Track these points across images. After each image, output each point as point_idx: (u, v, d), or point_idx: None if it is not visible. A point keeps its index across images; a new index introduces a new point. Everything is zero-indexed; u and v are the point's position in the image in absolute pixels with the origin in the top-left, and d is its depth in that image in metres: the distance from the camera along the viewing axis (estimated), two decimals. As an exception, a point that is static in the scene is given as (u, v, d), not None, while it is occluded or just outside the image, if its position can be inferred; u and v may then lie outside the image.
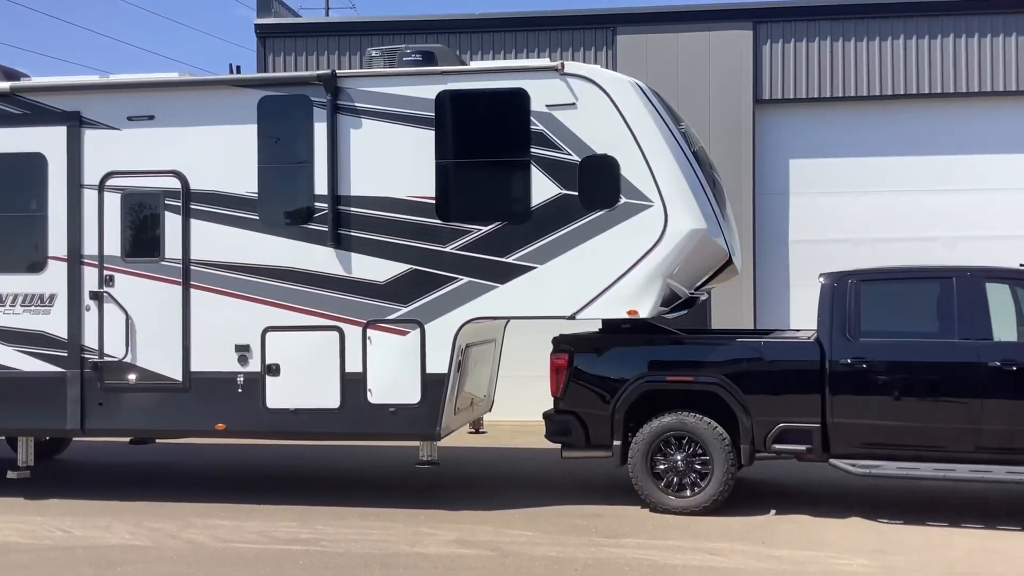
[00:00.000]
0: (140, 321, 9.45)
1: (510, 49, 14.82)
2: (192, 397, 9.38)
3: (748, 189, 14.41)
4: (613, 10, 15.09)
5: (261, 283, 9.33)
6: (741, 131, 14.48)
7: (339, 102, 9.21)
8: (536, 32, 14.84)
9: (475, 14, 15.13)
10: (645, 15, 14.88)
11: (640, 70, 12.84)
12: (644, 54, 14.59)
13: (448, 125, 9.12)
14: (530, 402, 11.54)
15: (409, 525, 8.57)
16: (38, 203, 9.60)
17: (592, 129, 8.86)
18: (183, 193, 9.41)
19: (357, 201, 9.22)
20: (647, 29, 14.70)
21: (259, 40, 15.49)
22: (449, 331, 9.02)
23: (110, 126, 9.53)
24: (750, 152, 14.49)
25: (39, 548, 7.91)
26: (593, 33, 14.86)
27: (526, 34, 14.85)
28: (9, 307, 9.57)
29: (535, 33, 14.84)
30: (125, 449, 11.87)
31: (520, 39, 14.87)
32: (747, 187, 14.41)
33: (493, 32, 14.92)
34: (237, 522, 8.73)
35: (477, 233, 9.02)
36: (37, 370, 9.52)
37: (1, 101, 9.68)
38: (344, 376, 9.17)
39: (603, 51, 14.82)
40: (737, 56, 14.53)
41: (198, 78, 9.92)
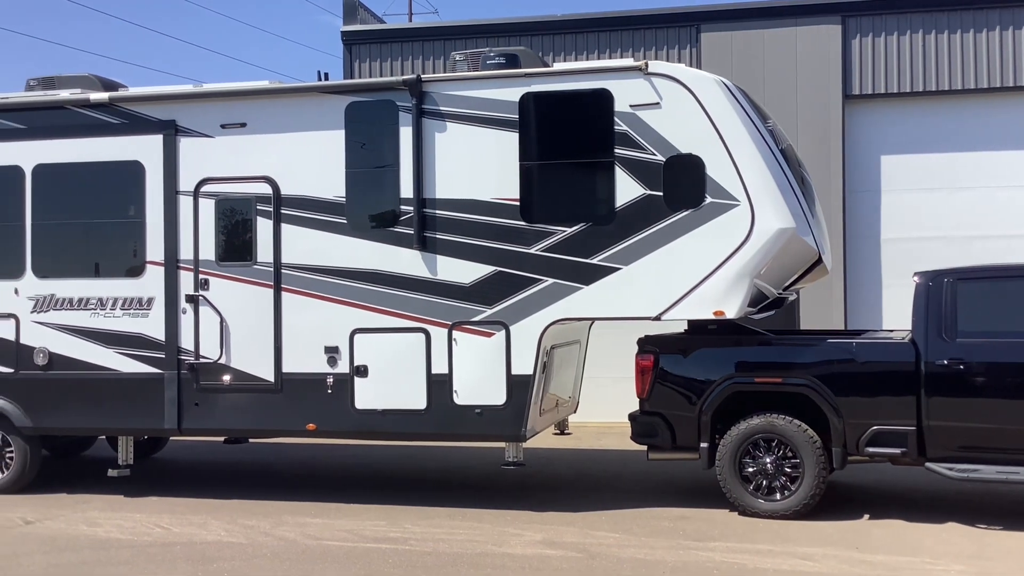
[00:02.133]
0: (234, 323, 9.69)
1: (592, 50, 14.80)
2: (283, 398, 9.59)
3: (838, 187, 14.13)
4: (697, 8, 14.94)
5: (349, 286, 9.48)
6: (830, 128, 14.20)
7: (424, 106, 9.31)
8: (619, 32, 14.79)
9: (557, 15, 15.15)
10: (730, 12, 14.71)
11: (725, 68, 12.70)
12: (729, 51, 14.42)
13: (532, 127, 9.14)
14: (615, 403, 11.52)
15: (496, 525, 8.62)
16: (136, 210, 9.92)
17: (677, 128, 8.78)
18: (274, 198, 9.62)
19: (442, 204, 9.31)
20: (732, 26, 14.53)
21: (345, 47, 15.76)
22: (534, 332, 9.04)
23: (204, 134, 9.80)
24: (839, 149, 14.21)
25: (139, 544, 8.18)
26: (677, 31, 14.75)
27: (609, 34, 14.82)
28: (110, 310, 9.91)
29: (618, 33, 14.79)
30: (219, 448, 12.23)
31: (603, 39, 14.83)
32: (837, 185, 14.12)
33: (576, 33, 14.92)
34: (327, 520, 8.89)
35: (561, 234, 9.02)
36: (136, 371, 9.85)
37: (101, 111, 10.04)
38: (430, 377, 9.26)
39: (687, 49, 14.70)
40: (825, 51, 14.26)
41: (288, 86, 10.12)
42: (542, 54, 13.82)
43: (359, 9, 16.17)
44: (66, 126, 10.07)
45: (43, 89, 10.63)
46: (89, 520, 9.02)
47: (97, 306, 9.92)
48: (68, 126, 10.06)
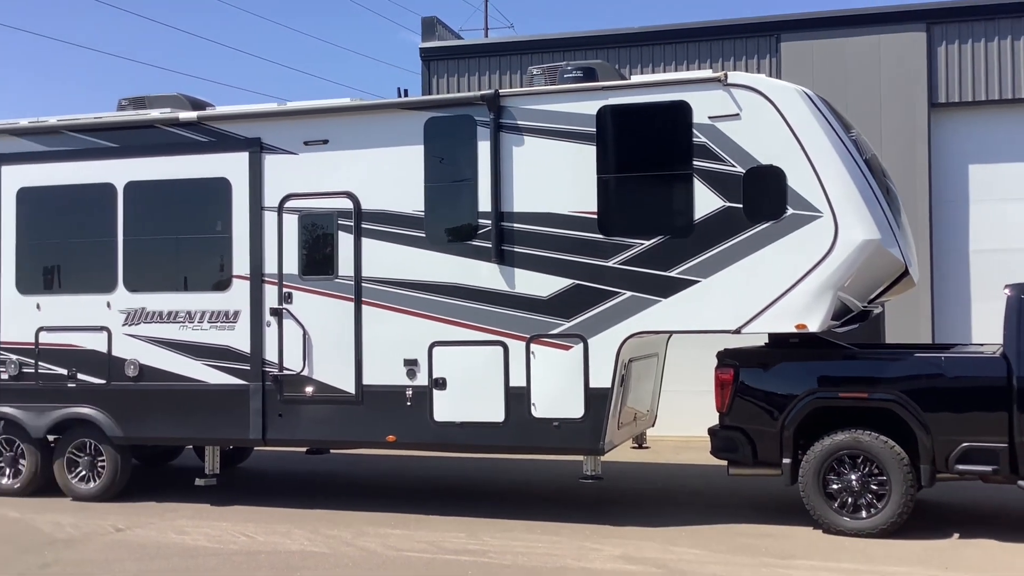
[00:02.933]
0: (316, 336, 9.87)
1: (670, 61, 14.74)
2: (364, 409, 9.72)
3: (924, 197, 13.80)
4: (776, 17, 14.76)
5: (428, 299, 9.57)
6: (915, 137, 13.89)
7: (502, 120, 9.38)
8: (696, 43, 14.70)
9: (634, 28, 15.11)
10: (810, 21, 14.50)
11: (806, 77, 12.53)
12: (810, 61, 14.21)
13: (609, 140, 9.14)
14: (694, 417, 11.42)
15: (574, 539, 8.59)
16: (223, 225, 10.18)
17: (757, 140, 8.69)
18: (355, 213, 9.78)
19: (520, 217, 9.35)
20: (812, 35, 14.32)
21: (424, 63, 15.96)
22: (612, 345, 9.01)
23: (288, 151, 10.02)
24: (925, 158, 13.88)
25: (225, 552, 8.36)
26: (756, 41, 14.60)
27: (686, 46, 14.74)
28: (197, 323, 10.18)
29: (695, 44, 14.70)
30: (301, 458, 12.44)
31: (680, 51, 14.76)
32: (923, 195, 13.79)
33: (653, 45, 14.88)
34: (407, 531, 8.97)
35: (639, 247, 8.99)
36: (223, 383, 10.09)
37: (189, 129, 10.34)
38: (508, 390, 9.29)
39: (766, 59, 14.54)
40: (910, 59, 13.96)
41: (369, 102, 10.28)
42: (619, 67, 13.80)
43: (437, 26, 16.37)
44: (156, 144, 10.39)
45: (134, 109, 10.99)
46: (177, 528, 9.25)
47: (185, 319, 10.20)
48: (158, 144, 10.38)
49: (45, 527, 9.29)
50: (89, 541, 8.75)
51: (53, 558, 8.13)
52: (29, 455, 10.70)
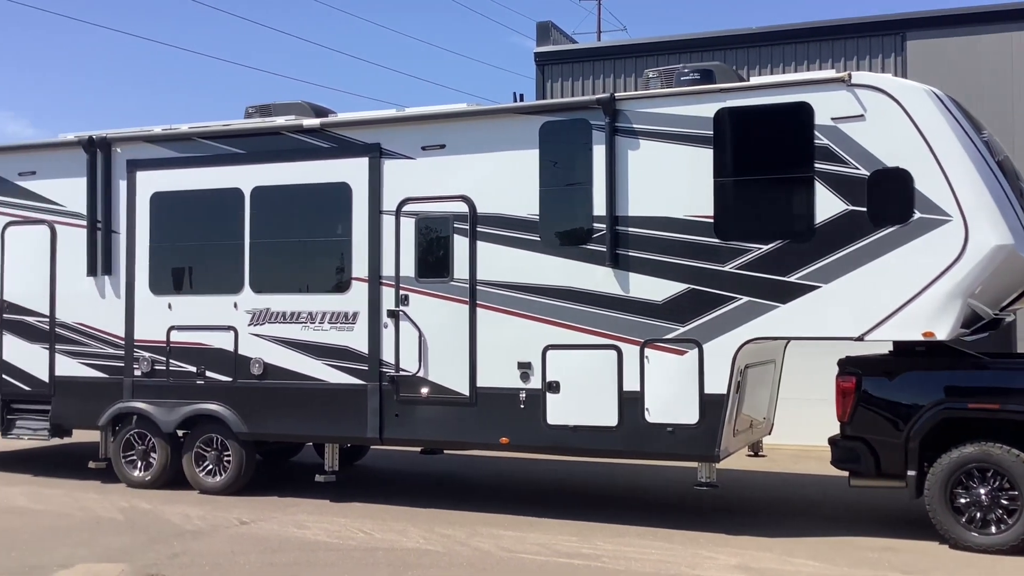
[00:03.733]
0: (431, 338, 10.02)
1: (790, 62, 14.45)
2: (478, 411, 9.82)
3: (1060, 200, 13.12)
4: (901, 15, 14.32)
5: (542, 302, 9.61)
6: (1052, 137, 13.25)
7: (617, 124, 9.34)
8: (818, 43, 14.38)
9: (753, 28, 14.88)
10: (938, 18, 14.02)
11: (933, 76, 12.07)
12: (938, 59, 13.73)
13: (727, 143, 9.01)
14: (812, 426, 11.17)
15: (688, 547, 8.50)
16: (343, 229, 10.44)
17: (882, 141, 8.44)
18: (470, 216, 9.90)
19: (634, 221, 9.30)
20: (941, 33, 13.84)
21: (538, 67, 16.06)
22: (728, 351, 8.88)
23: (406, 156, 10.21)
24: (1062, 159, 13.21)
25: (343, 548, 8.56)
26: (880, 40, 14.18)
27: (807, 45, 14.43)
28: (319, 324, 10.46)
29: (816, 44, 14.38)
30: (416, 458, 12.65)
31: (801, 51, 14.46)
32: (1059, 198, 13.12)
33: (772, 45, 14.62)
34: (520, 533, 9.02)
35: (757, 252, 8.83)
36: (342, 382, 10.34)
37: (312, 136, 10.64)
38: (622, 394, 9.25)
39: (891, 58, 14.11)
40: (1046, 56, 13.34)
41: (485, 107, 10.39)
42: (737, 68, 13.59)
43: (552, 30, 16.44)
44: (281, 150, 10.73)
45: (260, 116, 11.38)
46: (298, 523, 9.53)
47: (307, 320, 10.50)
48: (283, 150, 10.72)
49: (174, 518, 9.69)
50: (215, 533, 9.10)
51: (182, 548, 8.48)
52: (160, 449, 11.18)
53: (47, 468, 12.65)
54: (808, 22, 14.67)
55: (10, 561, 8.04)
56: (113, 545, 8.59)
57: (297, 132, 10.70)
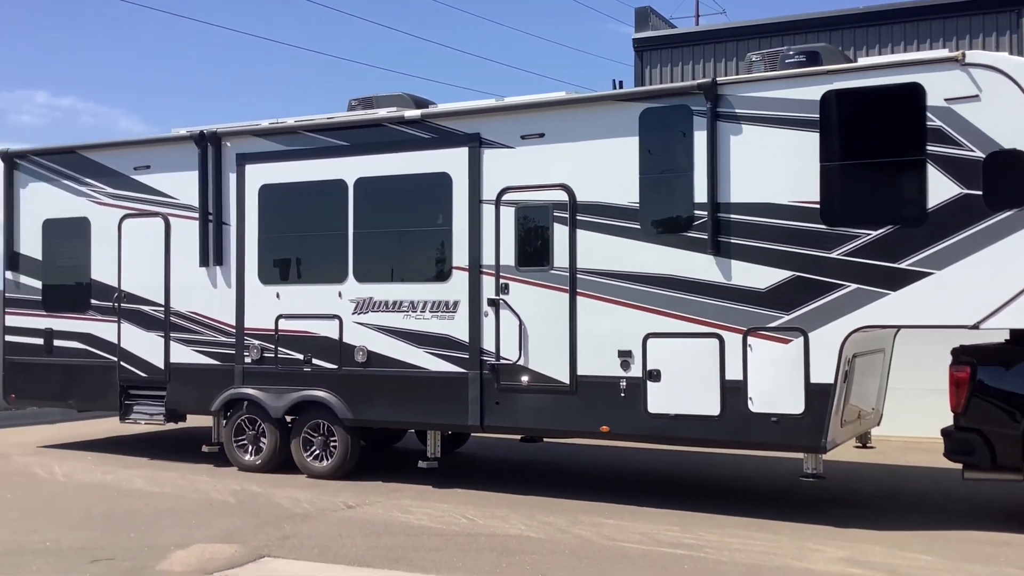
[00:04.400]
0: (531, 326, 10.06)
1: (899, 42, 14.01)
2: (578, 399, 9.82)
3: None
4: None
5: (642, 290, 9.55)
6: None
7: (719, 109, 9.21)
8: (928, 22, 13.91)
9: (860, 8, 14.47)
10: (1057, -8, 13.38)
11: (1053, 53, 11.58)
12: (1057, 35, 13.12)
13: (834, 126, 8.79)
14: (922, 417, 10.89)
15: (794, 539, 8.35)
16: (444, 218, 10.55)
17: (998, 122, 8.13)
18: (570, 205, 9.89)
19: (737, 208, 9.16)
20: (1060, 7, 13.21)
21: (636, 54, 15.93)
22: (835, 340, 8.69)
23: (505, 145, 10.26)
24: None
25: (447, 533, 8.69)
26: (995, 18, 13.63)
27: (917, 24, 13.97)
28: (420, 313, 10.61)
29: (927, 23, 13.92)
30: (515, 445, 12.74)
31: (910, 30, 14.00)
32: None
33: (880, 25, 14.19)
34: (621, 522, 9.01)
35: (866, 238, 8.60)
36: (443, 370, 10.47)
37: (413, 127, 10.78)
38: (724, 383, 9.14)
39: (1006, 36, 13.54)
40: None
41: (584, 95, 10.35)
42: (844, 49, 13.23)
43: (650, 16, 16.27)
44: (383, 142, 10.90)
45: (363, 108, 11.59)
46: (402, 508, 9.70)
47: (409, 308, 10.66)
48: (385, 142, 10.89)
49: (284, 502, 9.98)
50: (323, 516, 9.33)
51: (292, 531, 8.73)
52: (269, 434, 11.52)
53: (163, 452, 13.16)
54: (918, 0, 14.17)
55: (129, 541, 8.40)
56: (226, 527, 8.90)
57: (398, 123, 10.85)
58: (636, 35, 16.09)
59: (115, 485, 10.95)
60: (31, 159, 13.31)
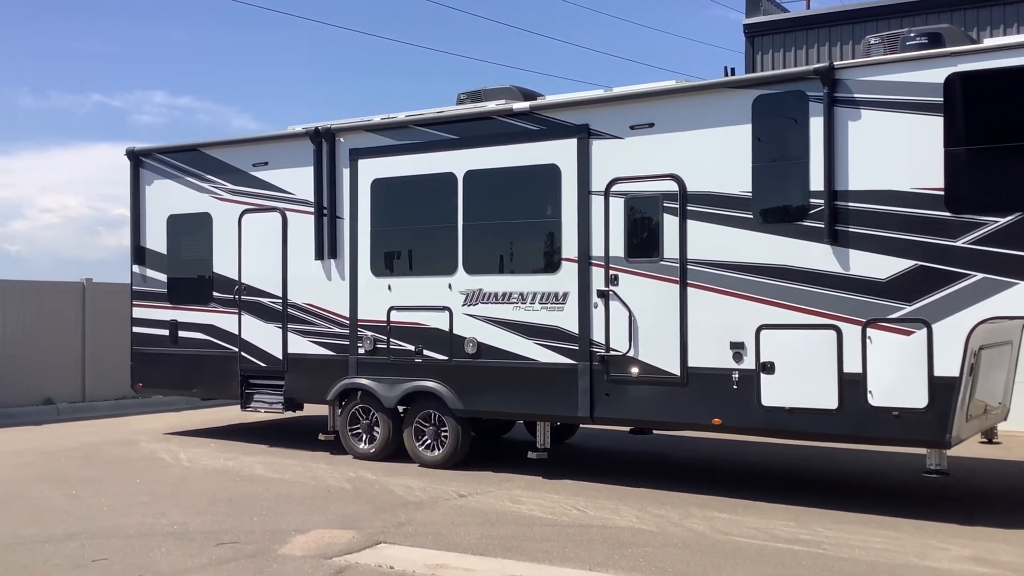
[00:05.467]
0: (641, 317, 9.99)
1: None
2: (689, 391, 9.71)
3: None
4: None
5: (755, 281, 9.37)
6: None
7: (836, 94, 8.95)
8: (1059, -3, 13.22)
9: (984, -14, 13.86)
10: None
11: None
12: None
13: (958, 110, 8.45)
14: (1052, 413, 10.34)
15: (916, 536, 8.09)
16: (552, 210, 10.55)
17: None
18: (680, 195, 9.77)
19: (855, 196, 8.90)
20: None
21: (747, 39, 15.61)
22: (960, 332, 8.36)
23: (614, 135, 10.20)
24: None
25: (558, 524, 8.71)
26: None
27: (1047, 1, 13.30)
28: (529, 304, 10.65)
29: (1057, -1, 13.23)
30: (624, 437, 12.66)
31: (1039, 7, 13.35)
32: None
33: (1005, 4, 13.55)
34: (735, 516, 8.88)
35: (994, 225, 8.25)
36: (552, 361, 10.49)
37: (521, 119, 10.81)
38: (842, 376, 8.90)
39: None
40: None
41: (695, 83, 10.19)
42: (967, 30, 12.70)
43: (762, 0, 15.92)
44: (492, 135, 10.97)
45: (472, 102, 11.68)
46: (513, 498, 9.77)
47: (518, 300, 10.71)
48: (494, 135, 10.95)
49: (398, 490, 10.16)
50: (436, 505, 9.47)
51: (407, 518, 8.88)
52: (382, 423, 11.74)
53: (281, 440, 13.56)
54: (1048, -25, 13.52)
55: (252, 525, 8.68)
56: (343, 513, 9.11)
57: (507, 116, 10.90)
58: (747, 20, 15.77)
59: (237, 471, 11.33)
60: (156, 157, 13.87)
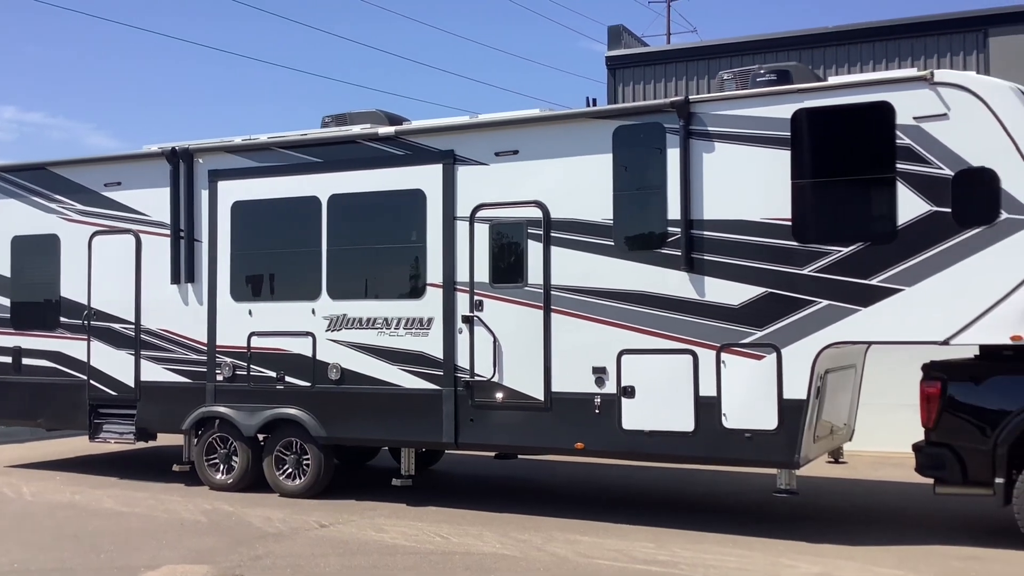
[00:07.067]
0: (506, 343, 10.05)
1: (868, 60, 14.21)
2: (553, 416, 9.81)
3: None
4: (983, 11, 13.99)
5: (617, 307, 9.57)
6: None
7: (692, 127, 9.27)
8: (896, 41, 14.11)
9: (830, 27, 14.66)
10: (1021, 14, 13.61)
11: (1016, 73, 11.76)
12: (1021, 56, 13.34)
13: (805, 144, 8.88)
14: (893, 432, 10.95)
15: (768, 555, 8.38)
16: (418, 235, 10.53)
17: (966, 140, 8.24)
18: (544, 222, 9.91)
19: (710, 225, 9.21)
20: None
21: (609, 71, 16.04)
22: (807, 356, 8.74)
23: (480, 162, 10.27)
24: None
25: (421, 552, 8.63)
26: (961, 37, 13.86)
27: (885, 44, 14.17)
28: (394, 329, 10.57)
29: (895, 42, 14.11)
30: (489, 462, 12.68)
31: (879, 49, 14.20)
32: None
33: (850, 44, 14.39)
34: (596, 539, 8.99)
35: (837, 254, 8.68)
36: (417, 387, 10.43)
37: (387, 144, 10.77)
38: (698, 400, 9.17)
39: (973, 55, 13.78)
40: None
41: (558, 112, 10.39)
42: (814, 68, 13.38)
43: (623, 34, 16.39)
44: (357, 159, 10.88)
45: (336, 125, 11.56)
46: (376, 526, 9.63)
47: (383, 325, 10.62)
48: (358, 159, 10.87)
49: (256, 521, 9.88)
50: (296, 536, 9.25)
51: (265, 551, 8.64)
52: (241, 452, 11.41)
53: (133, 471, 13.00)
54: (887, 20, 14.38)
55: (99, 562, 8.28)
56: (197, 547, 8.79)
57: (372, 140, 10.84)
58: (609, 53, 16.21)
59: (84, 505, 10.80)
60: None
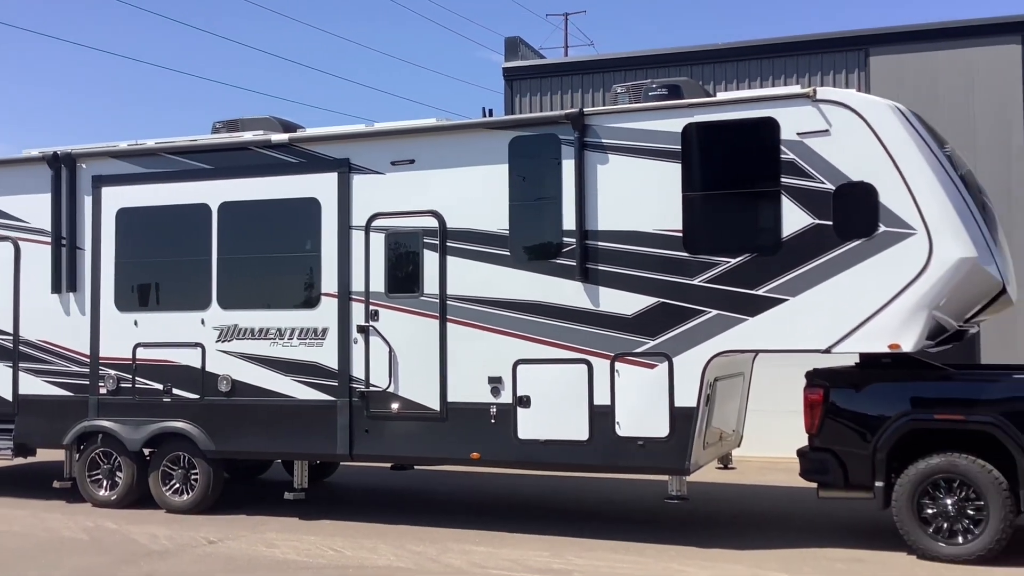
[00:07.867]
0: (401, 353, 9.98)
1: (755, 77, 14.62)
2: (449, 426, 9.79)
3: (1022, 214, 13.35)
4: (865, 31, 14.55)
5: (512, 317, 9.61)
6: (1012, 153, 13.50)
7: (586, 139, 9.39)
8: (783, 58, 14.56)
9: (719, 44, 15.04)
10: (900, 34, 14.26)
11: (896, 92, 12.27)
12: (900, 75, 13.96)
13: (695, 157, 9.08)
14: (780, 438, 11.22)
15: (660, 560, 8.51)
16: (312, 244, 10.39)
17: (847, 156, 8.55)
18: (440, 231, 9.89)
19: (604, 235, 9.34)
20: (903, 49, 14.08)
21: (507, 83, 16.11)
22: (697, 364, 8.93)
23: (375, 171, 10.19)
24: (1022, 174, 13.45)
25: (314, 566, 8.48)
26: (844, 56, 14.39)
27: (772, 61, 14.61)
28: (288, 340, 10.39)
29: (782, 60, 14.57)
30: (385, 474, 12.59)
31: (766, 66, 14.63)
32: (1021, 211, 13.36)
33: (738, 61, 14.78)
34: (491, 549, 8.99)
35: (725, 265, 8.90)
36: (311, 398, 10.27)
37: (281, 151, 10.60)
38: (592, 408, 9.27)
39: (855, 74, 14.32)
40: (1005, 73, 13.58)
41: (454, 123, 10.39)
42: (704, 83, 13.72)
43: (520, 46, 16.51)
44: (249, 166, 10.67)
45: (228, 131, 11.32)
46: (267, 541, 9.43)
47: (276, 336, 10.42)
48: (251, 166, 10.66)
49: (141, 539, 9.56)
50: (183, 553, 8.98)
51: (149, 569, 8.37)
52: (125, 468, 11.04)
53: (10, 488, 12.44)
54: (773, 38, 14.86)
55: (-28, 584, 7.89)
56: (79, 566, 8.46)
57: (265, 147, 10.65)
58: (506, 64, 16.30)
59: (-44, 526, 10.29)
60: None
